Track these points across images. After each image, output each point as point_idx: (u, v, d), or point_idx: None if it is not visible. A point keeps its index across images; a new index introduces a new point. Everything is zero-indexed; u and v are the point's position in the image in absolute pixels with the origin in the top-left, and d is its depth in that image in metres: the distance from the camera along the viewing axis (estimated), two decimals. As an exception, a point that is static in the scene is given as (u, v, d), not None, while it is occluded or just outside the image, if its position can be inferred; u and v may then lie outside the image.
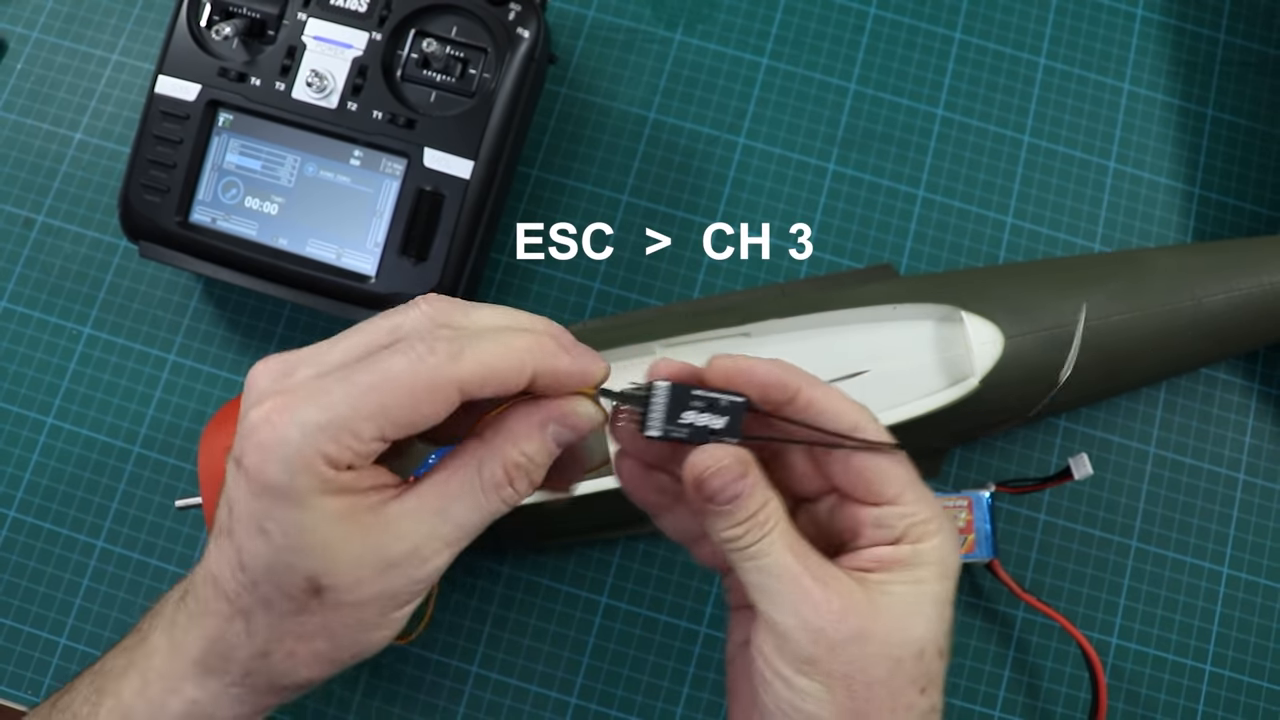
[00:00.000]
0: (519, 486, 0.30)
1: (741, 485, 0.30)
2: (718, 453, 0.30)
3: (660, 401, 0.30)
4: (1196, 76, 0.54)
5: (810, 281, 0.49)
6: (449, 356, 0.28)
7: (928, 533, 0.30)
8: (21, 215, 0.51)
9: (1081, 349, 0.43)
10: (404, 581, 0.29)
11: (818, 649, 0.29)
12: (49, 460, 0.49)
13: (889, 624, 0.29)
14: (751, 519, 0.30)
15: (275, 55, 0.45)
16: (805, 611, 0.29)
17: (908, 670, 0.29)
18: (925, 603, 0.30)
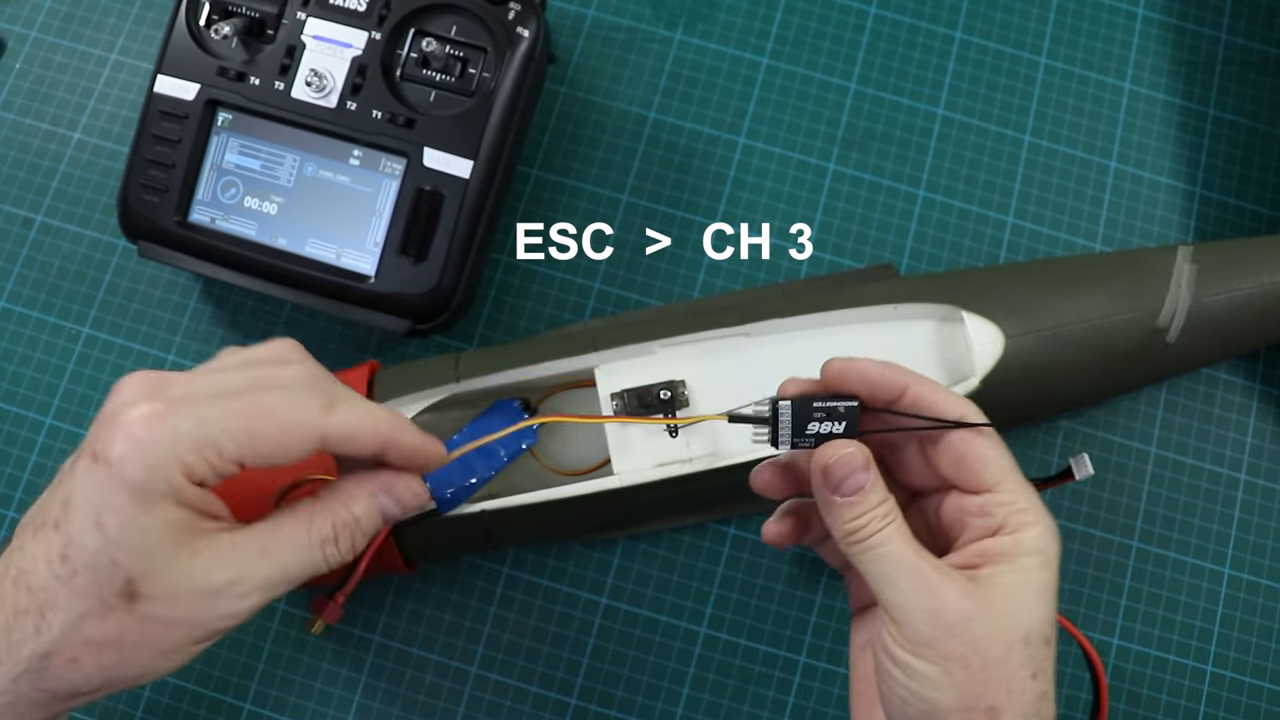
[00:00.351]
0: (342, 545, 0.32)
1: (864, 476, 0.32)
2: (844, 445, 0.33)
3: (786, 419, 0.33)
4: (1198, 76, 0.54)
5: (810, 281, 0.49)
6: (321, 409, 0.31)
7: (1026, 522, 0.32)
8: (20, 215, 0.51)
9: (1081, 349, 0.43)
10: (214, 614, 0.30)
11: (935, 630, 0.30)
12: (48, 460, 0.49)
13: (998, 610, 0.31)
14: (873, 511, 0.32)
15: (274, 55, 0.45)
16: (923, 595, 0.31)
17: (1019, 654, 0.31)
18: (1029, 592, 0.31)
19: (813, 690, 0.47)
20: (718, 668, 0.47)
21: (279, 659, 0.47)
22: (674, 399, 0.42)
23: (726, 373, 0.43)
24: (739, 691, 0.47)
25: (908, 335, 0.44)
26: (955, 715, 0.31)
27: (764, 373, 0.42)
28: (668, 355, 0.43)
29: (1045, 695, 0.31)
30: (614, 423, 0.42)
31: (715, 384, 0.43)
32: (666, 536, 0.48)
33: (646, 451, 0.42)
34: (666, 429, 0.42)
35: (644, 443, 0.42)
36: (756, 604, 0.47)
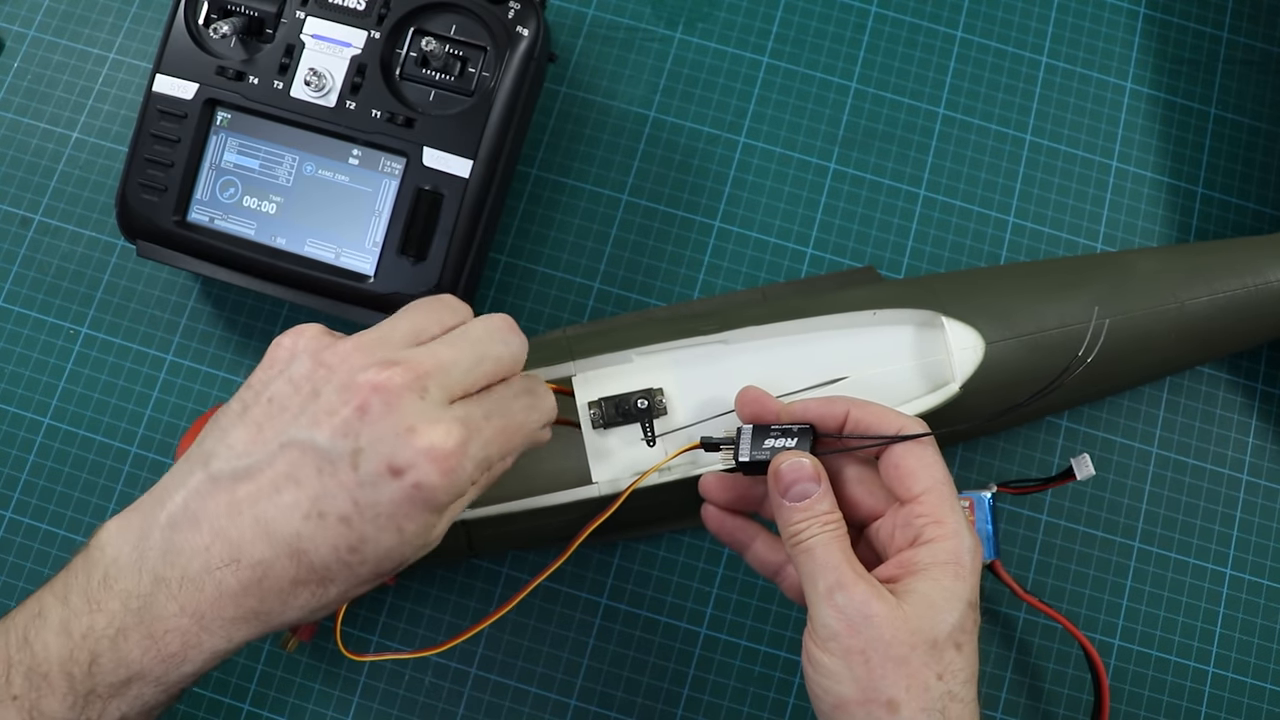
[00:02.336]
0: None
1: (812, 486, 0.36)
2: (797, 455, 0.36)
3: (746, 437, 0.38)
4: (1199, 75, 0.54)
5: (791, 285, 0.49)
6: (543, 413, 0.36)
7: (942, 534, 0.34)
8: (19, 214, 0.51)
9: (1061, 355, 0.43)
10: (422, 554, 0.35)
11: (840, 625, 0.33)
12: (46, 460, 0.49)
13: (906, 614, 0.33)
14: (816, 517, 0.35)
15: (273, 54, 0.45)
16: (836, 593, 0.33)
17: (922, 655, 0.33)
18: (940, 599, 0.33)
19: (813, 691, 0.47)
20: (718, 668, 0.47)
21: (278, 659, 0.47)
22: (651, 407, 0.42)
23: (704, 381, 0.43)
24: (739, 692, 0.47)
25: (887, 341, 0.44)
26: (857, 707, 0.33)
27: (742, 381, 0.42)
28: (645, 364, 0.43)
29: (952, 696, 0.33)
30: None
31: (693, 392, 0.43)
32: (667, 536, 0.48)
33: (625, 461, 0.42)
34: (644, 439, 0.42)
35: (622, 452, 0.42)
36: (756, 604, 0.47)
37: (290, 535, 0.32)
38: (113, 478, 0.48)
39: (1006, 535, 0.48)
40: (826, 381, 0.43)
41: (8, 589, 0.47)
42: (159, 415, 0.49)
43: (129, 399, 0.49)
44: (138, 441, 0.49)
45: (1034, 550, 0.48)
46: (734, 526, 0.40)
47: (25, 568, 0.47)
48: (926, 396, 0.43)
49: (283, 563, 0.32)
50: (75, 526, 0.48)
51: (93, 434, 0.49)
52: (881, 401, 0.42)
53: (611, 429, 0.42)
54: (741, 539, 0.40)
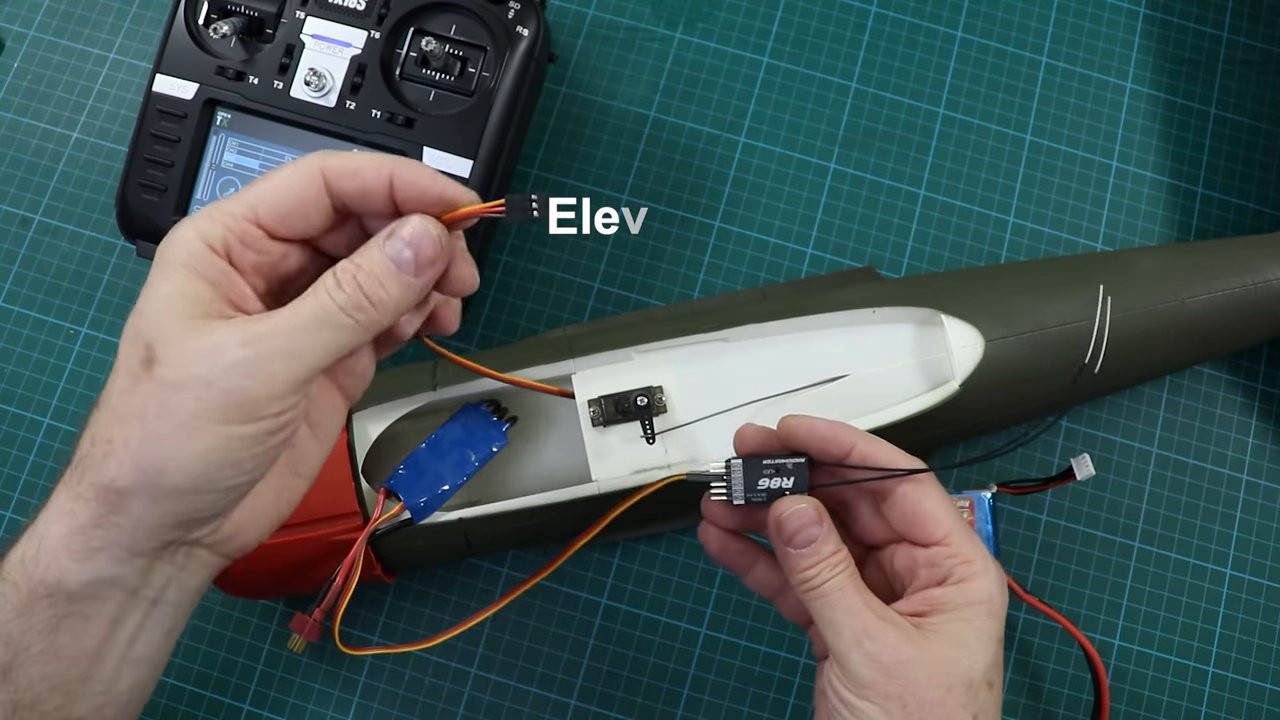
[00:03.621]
0: (346, 287, 0.30)
1: (816, 530, 0.34)
2: (797, 501, 0.35)
3: (738, 476, 0.36)
4: (1199, 75, 0.54)
5: (791, 285, 0.49)
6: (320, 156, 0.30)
7: (973, 573, 0.34)
8: (19, 214, 0.51)
9: (1061, 352, 0.43)
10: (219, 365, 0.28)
11: (875, 673, 0.32)
12: (46, 460, 0.49)
13: (940, 655, 0.33)
14: (824, 561, 0.34)
15: (273, 54, 0.45)
16: (865, 640, 0.33)
17: (958, 697, 0.32)
18: (973, 639, 0.33)
19: (813, 691, 0.47)
20: (718, 668, 0.47)
21: (278, 659, 0.47)
22: (651, 405, 0.42)
23: (704, 379, 0.43)
24: (739, 692, 0.47)
25: (887, 339, 0.44)
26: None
27: (742, 378, 0.42)
28: (645, 361, 0.43)
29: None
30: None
31: (693, 390, 0.43)
32: (667, 536, 0.48)
33: (624, 458, 0.42)
34: (644, 436, 0.42)
35: (622, 450, 0.42)
36: (756, 604, 0.47)
37: None
38: (113, 478, 0.48)
39: (1006, 535, 0.48)
40: (826, 380, 0.43)
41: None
42: (159, 415, 0.49)
43: (129, 399, 0.49)
44: (138, 441, 0.49)
45: (1034, 550, 0.48)
46: (736, 550, 0.39)
47: (25, 568, 0.47)
48: (926, 394, 0.43)
49: None
50: (75, 526, 0.48)
51: (93, 434, 0.49)
52: (882, 400, 0.42)
53: (611, 427, 0.42)
54: (743, 563, 0.39)
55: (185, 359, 0.28)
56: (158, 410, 0.28)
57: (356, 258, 0.30)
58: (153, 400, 0.28)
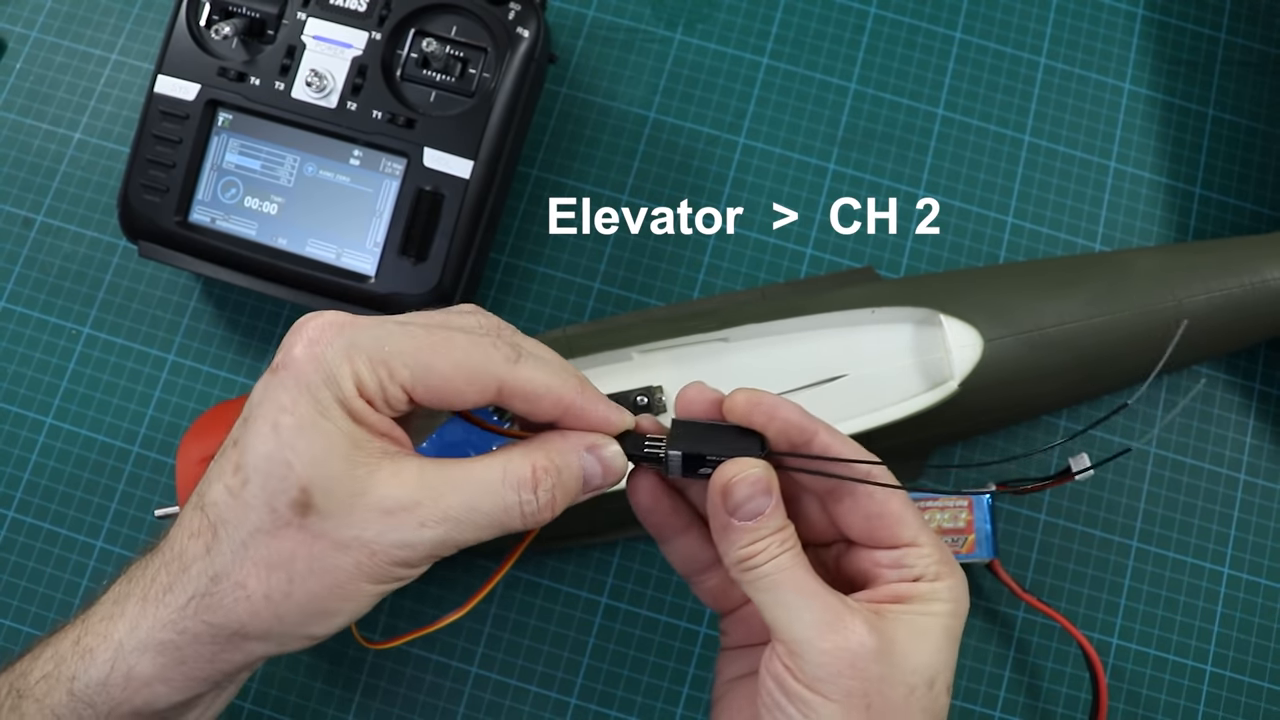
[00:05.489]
0: (541, 494, 0.29)
1: (765, 501, 0.30)
2: (748, 465, 0.30)
3: (676, 465, 0.31)
4: (1197, 76, 0.54)
5: (790, 285, 0.49)
6: (506, 358, 0.29)
7: (943, 573, 0.31)
8: (21, 215, 0.51)
9: (1060, 352, 0.43)
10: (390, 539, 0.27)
11: (838, 665, 0.29)
12: (48, 460, 0.49)
13: (903, 649, 0.29)
14: (771, 536, 0.30)
15: (275, 55, 0.45)
16: (828, 626, 0.29)
17: (920, 698, 0.29)
18: (938, 634, 0.30)
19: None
20: (718, 667, 0.47)
21: (278, 659, 0.47)
22: (651, 405, 0.42)
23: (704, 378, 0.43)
24: (739, 691, 0.47)
25: (886, 339, 0.44)
26: None
27: (742, 378, 0.42)
28: (645, 361, 0.43)
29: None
30: None
31: None
32: (666, 536, 0.48)
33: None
34: None
35: None
36: (756, 604, 0.47)
37: (201, 484, 0.28)
38: (114, 478, 0.48)
39: (1005, 535, 0.48)
40: (825, 380, 0.43)
41: (10, 589, 0.47)
42: (160, 415, 0.49)
43: (130, 399, 0.49)
44: (139, 442, 0.49)
45: (1033, 550, 0.48)
46: (667, 509, 0.33)
47: (28, 567, 0.48)
48: (925, 394, 0.43)
49: (185, 515, 0.28)
50: (77, 526, 0.48)
51: (94, 434, 0.49)
52: (880, 399, 0.43)
53: None
54: (671, 526, 0.34)
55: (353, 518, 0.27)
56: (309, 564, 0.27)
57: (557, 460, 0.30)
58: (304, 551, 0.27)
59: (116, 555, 0.48)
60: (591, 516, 0.43)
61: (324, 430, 0.27)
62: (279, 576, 0.27)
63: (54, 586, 0.47)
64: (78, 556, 0.48)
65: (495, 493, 0.28)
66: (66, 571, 0.48)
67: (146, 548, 0.31)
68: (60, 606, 0.47)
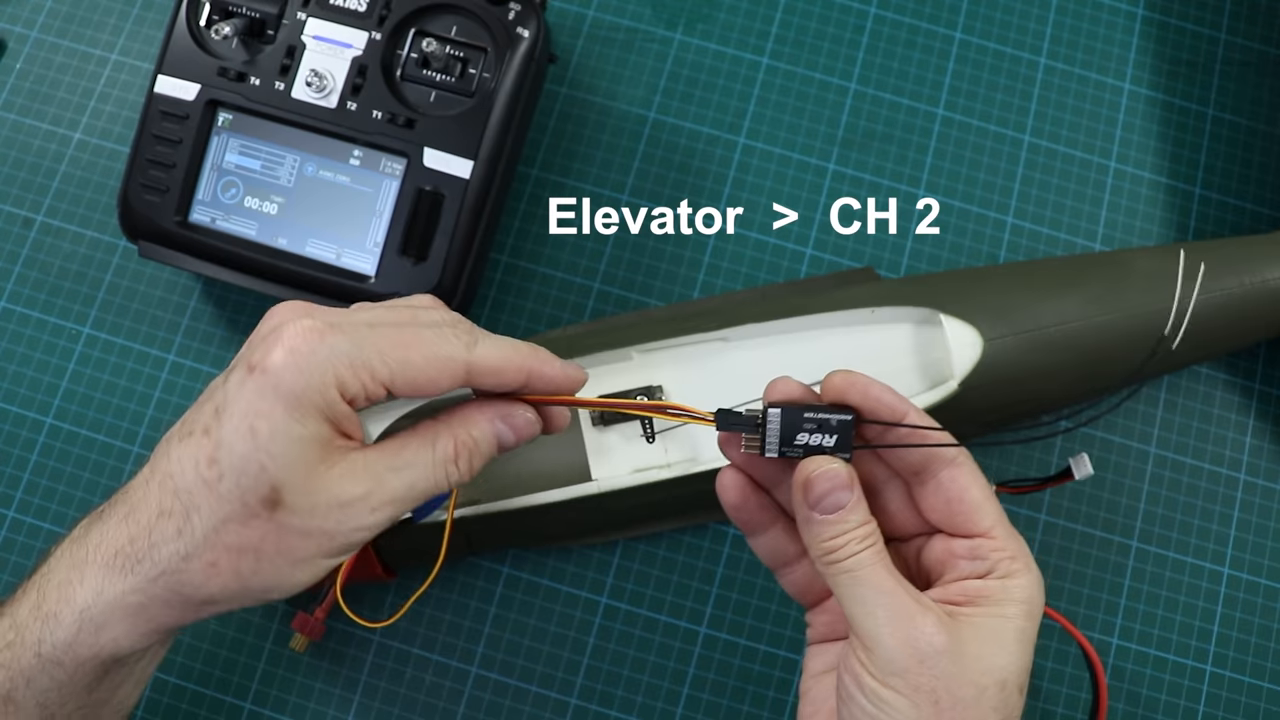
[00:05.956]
0: (461, 465, 0.33)
1: (846, 495, 0.32)
2: (827, 461, 0.32)
3: (774, 426, 0.33)
4: (1197, 76, 0.54)
5: (790, 285, 0.49)
6: (467, 345, 0.32)
7: (1016, 570, 0.32)
8: (21, 215, 0.51)
9: (1060, 351, 0.43)
10: (348, 525, 0.31)
11: (909, 661, 0.30)
12: (48, 460, 0.49)
13: (974, 650, 0.30)
14: (853, 532, 0.32)
15: (275, 55, 0.45)
16: (900, 623, 0.30)
17: (991, 698, 0.30)
18: (1010, 637, 0.31)
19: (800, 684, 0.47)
20: (718, 668, 0.47)
21: (279, 658, 0.47)
22: None
23: (704, 378, 0.43)
24: (739, 691, 0.47)
25: (886, 339, 0.44)
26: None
27: (742, 378, 0.42)
28: (645, 361, 0.43)
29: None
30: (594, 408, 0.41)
31: (693, 389, 0.43)
32: (667, 536, 0.48)
33: (624, 457, 0.42)
34: (643, 435, 0.42)
35: (622, 449, 0.42)
36: (756, 604, 0.47)
37: (163, 462, 0.31)
38: (114, 478, 0.48)
39: (1005, 535, 0.48)
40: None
41: (9, 589, 0.47)
42: (160, 415, 0.49)
43: (130, 399, 0.49)
44: (139, 442, 0.49)
45: (1033, 549, 0.48)
46: (756, 505, 0.35)
47: (28, 567, 0.47)
48: (925, 394, 0.43)
49: (151, 492, 0.31)
50: (77, 526, 0.48)
51: (94, 434, 0.49)
52: None
53: (611, 426, 0.42)
54: (760, 521, 0.36)
55: (315, 513, 0.30)
56: (276, 548, 0.30)
57: (473, 432, 0.33)
58: (271, 539, 0.30)
59: (116, 555, 0.48)
60: (592, 517, 0.44)
61: (298, 437, 0.29)
62: (248, 558, 0.30)
63: (54, 586, 0.47)
64: (78, 556, 0.48)
65: (428, 472, 0.32)
66: (66, 571, 0.47)
67: (95, 510, 0.33)
68: (60, 606, 0.47)
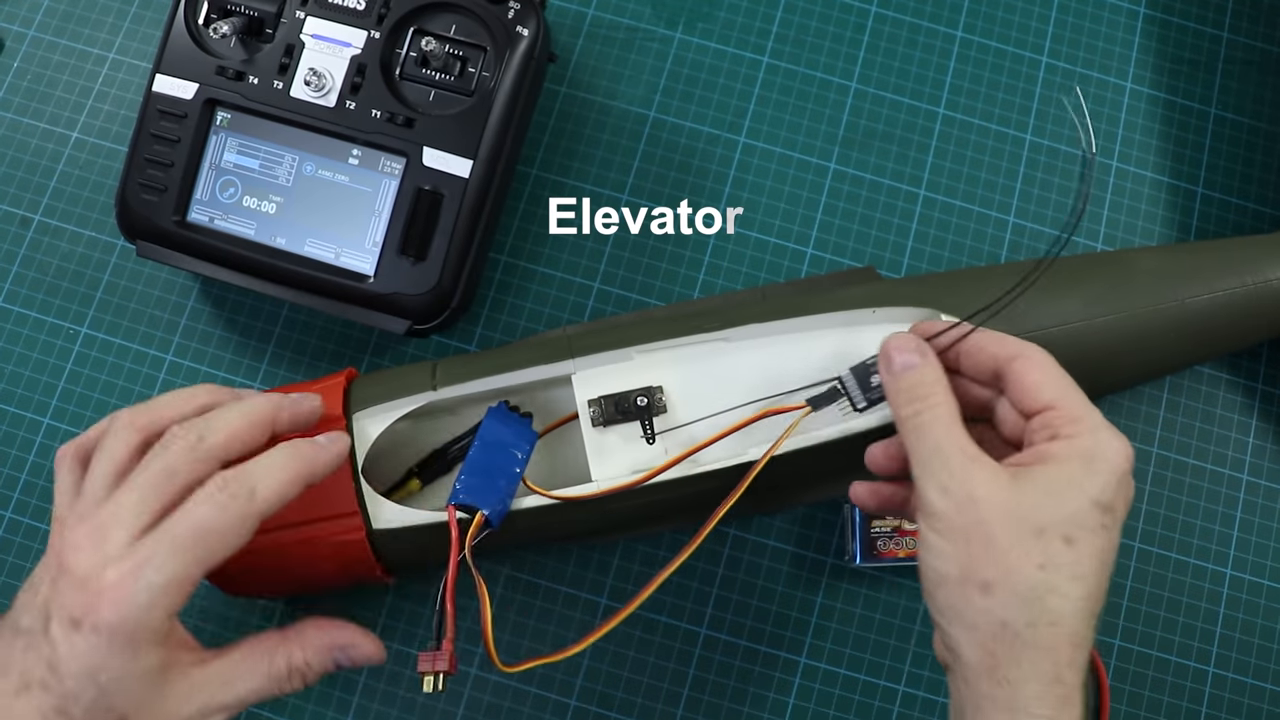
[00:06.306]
0: (294, 684, 0.36)
1: (914, 356, 0.36)
2: (901, 333, 0.38)
3: (852, 383, 0.40)
4: (1199, 75, 0.54)
5: (791, 285, 0.49)
6: (246, 498, 0.34)
7: (1080, 430, 0.34)
8: (19, 214, 0.51)
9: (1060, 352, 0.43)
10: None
11: (946, 505, 0.33)
12: (46, 460, 0.49)
13: (1018, 501, 0.33)
14: (922, 391, 0.36)
15: (273, 54, 0.45)
16: (942, 474, 0.34)
17: (1025, 543, 0.33)
18: (1061, 488, 0.33)
19: (813, 691, 0.47)
20: (718, 668, 0.47)
21: (278, 659, 0.46)
22: (651, 405, 0.42)
23: (704, 378, 0.43)
24: (739, 692, 0.47)
25: None
26: (954, 584, 0.33)
27: (742, 378, 0.42)
28: (645, 361, 0.43)
29: (1052, 589, 0.32)
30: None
31: (693, 390, 0.43)
32: (666, 536, 0.48)
33: (624, 458, 0.42)
34: (644, 436, 0.42)
35: (622, 450, 0.42)
36: (756, 604, 0.47)
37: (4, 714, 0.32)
38: (112, 478, 0.48)
39: (1006, 535, 0.48)
40: (826, 380, 0.43)
41: (8, 589, 0.47)
42: (159, 415, 0.49)
43: (129, 399, 0.49)
44: (137, 441, 0.49)
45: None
46: (888, 493, 0.40)
47: (25, 568, 0.47)
48: None
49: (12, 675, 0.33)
50: (75, 526, 0.48)
51: (92, 434, 0.49)
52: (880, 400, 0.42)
53: (611, 427, 0.42)
54: (898, 499, 0.40)
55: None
56: None
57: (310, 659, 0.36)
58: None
59: (115, 556, 0.47)
60: (592, 518, 0.43)
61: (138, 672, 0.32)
62: None
63: (52, 587, 0.47)
64: (76, 557, 0.48)
65: (259, 684, 0.35)
66: (64, 572, 0.47)
67: None
68: (58, 607, 0.47)
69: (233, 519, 0.33)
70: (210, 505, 0.33)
